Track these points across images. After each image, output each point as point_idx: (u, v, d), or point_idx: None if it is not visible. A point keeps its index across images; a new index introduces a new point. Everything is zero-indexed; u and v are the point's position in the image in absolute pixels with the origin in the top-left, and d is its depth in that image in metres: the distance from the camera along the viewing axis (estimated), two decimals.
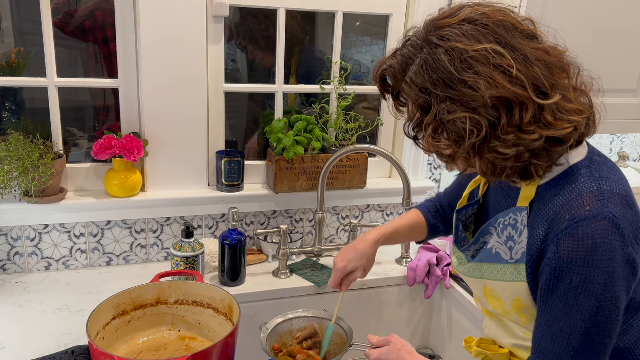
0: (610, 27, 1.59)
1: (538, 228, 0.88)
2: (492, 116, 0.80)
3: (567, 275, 0.82)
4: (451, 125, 0.82)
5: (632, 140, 2.38)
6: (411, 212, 1.33)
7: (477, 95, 0.79)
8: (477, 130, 0.81)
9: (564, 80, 0.84)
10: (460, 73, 0.80)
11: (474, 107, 0.80)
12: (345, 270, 1.24)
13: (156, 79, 1.54)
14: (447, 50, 0.81)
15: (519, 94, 0.79)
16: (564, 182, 0.88)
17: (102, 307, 1.21)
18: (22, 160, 1.42)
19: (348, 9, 1.73)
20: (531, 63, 0.80)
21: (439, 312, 1.76)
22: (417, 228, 1.31)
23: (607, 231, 0.80)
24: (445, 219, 1.31)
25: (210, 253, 1.61)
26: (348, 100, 1.75)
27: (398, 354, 1.08)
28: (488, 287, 0.98)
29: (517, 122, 0.80)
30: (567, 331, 0.83)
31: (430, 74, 0.82)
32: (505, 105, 0.80)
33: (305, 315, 1.33)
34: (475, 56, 0.80)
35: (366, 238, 1.25)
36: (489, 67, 0.79)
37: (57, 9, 1.58)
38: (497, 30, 0.81)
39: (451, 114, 0.81)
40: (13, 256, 1.56)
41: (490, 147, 0.83)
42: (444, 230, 1.32)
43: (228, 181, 1.67)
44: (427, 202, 1.34)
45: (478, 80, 0.79)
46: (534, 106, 0.80)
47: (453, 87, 0.81)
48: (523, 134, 0.81)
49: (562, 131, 0.82)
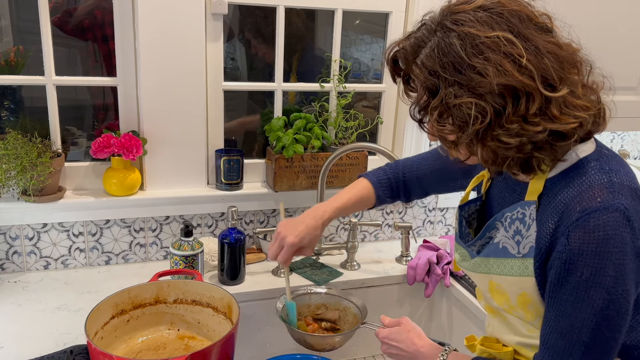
0: (611, 25, 1.58)
1: (547, 221, 0.88)
2: (498, 104, 0.80)
3: (578, 268, 0.81)
4: (457, 110, 0.83)
5: (633, 138, 2.38)
6: (360, 184, 1.30)
7: (485, 81, 0.79)
8: (481, 117, 0.81)
9: (574, 76, 0.83)
10: (470, 58, 0.80)
11: (481, 94, 0.80)
12: (298, 246, 1.20)
13: (155, 77, 1.54)
14: (460, 34, 0.82)
15: (527, 84, 0.79)
16: (573, 175, 0.87)
17: (101, 307, 1.21)
18: (20, 159, 1.42)
19: (347, 7, 1.72)
20: (542, 55, 0.80)
21: (439, 311, 1.75)
22: (364, 201, 1.29)
23: (618, 223, 0.80)
24: (400, 192, 1.31)
25: (209, 252, 1.60)
26: (348, 98, 1.74)
27: (407, 335, 1.10)
28: (494, 282, 0.98)
29: (522, 112, 0.80)
30: (577, 326, 0.82)
31: (441, 58, 0.83)
32: (512, 94, 0.80)
33: (325, 292, 1.38)
34: (487, 42, 0.80)
35: (315, 215, 1.23)
36: (499, 55, 0.79)
37: (57, 7, 1.58)
38: (512, 20, 0.82)
39: (458, 98, 0.82)
40: (12, 255, 1.55)
41: (493, 135, 0.83)
42: (391, 202, 1.33)
43: (227, 180, 1.67)
44: (380, 173, 1.32)
45: (487, 67, 0.79)
46: (541, 98, 0.80)
47: (462, 71, 0.81)
48: (527, 125, 0.81)
49: (567, 126, 0.81)
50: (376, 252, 1.85)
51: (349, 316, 1.36)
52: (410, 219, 1.94)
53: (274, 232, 1.23)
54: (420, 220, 1.96)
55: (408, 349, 1.10)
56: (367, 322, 1.25)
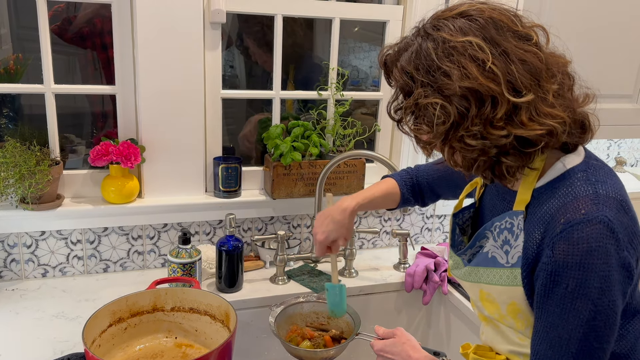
0: (607, 33, 1.59)
1: (534, 232, 0.88)
2: (462, 106, 0.83)
3: (563, 280, 0.82)
4: (425, 110, 0.86)
5: (630, 145, 2.39)
6: (388, 182, 1.34)
7: (451, 83, 0.82)
8: (444, 117, 0.84)
9: (548, 85, 0.84)
10: (440, 61, 0.83)
11: (447, 95, 0.83)
12: (327, 242, 1.27)
13: (153, 85, 1.54)
14: (436, 39, 0.85)
15: (491, 88, 0.81)
16: (560, 186, 0.88)
17: (99, 315, 1.21)
18: (18, 167, 1.42)
19: (345, 16, 1.73)
20: (511, 61, 0.82)
21: (437, 318, 1.75)
22: (390, 197, 1.33)
23: (602, 235, 0.80)
24: (419, 193, 1.34)
25: (207, 259, 1.61)
26: (345, 106, 1.75)
27: (402, 347, 1.11)
28: (484, 291, 0.98)
29: (488, 115, 0.82)
30: (565, 337, 0.83)
31: (415, 60, 0.86)
32: (476, 97, 0.82)
33: (317, 300, 1.39)
34: (456, 46, 0.82)
35: (343, 207, 1.27)
36: (465, 58, 0.82)
37: (56, 15, 1.59)
38: (486, 26, 0.84)
39: (426, 98, 0.85)
40: (9, 263, 1.55)
41: (457, 136, 0.85)
42: (413, 203, 1.36)
43: (225, 187, 1.67)
44: (405, 174, 1.36)
45: (453, 70, 0.82)
46: (508, 103, 0.81)
47: (432, 73, 0.84)
48: (492, 128, 0.82)
49: (533, 132, 0.82)
50: (374, 260, 1.85)
51: (341, 323, 1.36)
52: (408, 226, 1.95)
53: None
54: (418, 228, 1.97)
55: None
56: (362, 333, 1.24)
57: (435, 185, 1.32)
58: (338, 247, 1.30)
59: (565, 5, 1.54)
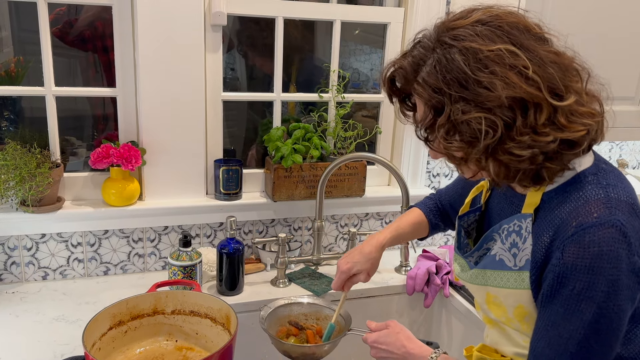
0: (609, 35, 1.59)
1: (543, 235, 0.87)
2: (508, 117, 0.80)
3: (570, 281, 0.81)
4: (465, 126, 0.82)
5: (632, 147, 2.38)
6: (413, 212, 1.33)
7: (493, 95, 0.79)
8: (492, 131, 0.81)
9: (577, 84, 0.84)
10: (475, 73, 0.80)
11: (489, 108, 0.80)
12: (350, 273, 1.24)
13: (154, 88, 1.54)
14: (462, 50, 0.81)
15: (535, 94, 0.79)
16: (570, 190, 0.87)
17: (99, 318, 1.20)
18: (19, 170, 1.42)
19: (346, 18, 1.73)
20: (546, 64, 0.81)
21: (439, 321, 1.75)
22: (419, 228, 1.31)
23: (614, 239, 0.79)
24: (446, 217, 1.31)
25: (208, 262, 1.60)
26: (346, 108, 1.75)
27: (397, 337, 1.10)
28: (491, 294, 0.97)
29: (532, 123, 0.80)
30: (565, 336, 0.82)
31: (444, 74, 0.82)
32: (520, 105, 0.80)
33: (308, 302, 1.36)
34: (490, 56, 0.80)
35: (372, 242, 1.26)
36: (504, 68, 0.79)
37: (57, 18, 1.59)
38: (512, 32, 0.82)
39: (465, 114, 0.81)
40: (10, 266, 1.55)
41: (505, 148, 0.82)
42: (444, 228, 1.33)
43: (226, 190, 1.67)
44: (428, 201, 1.34)
45: (494, 80, 0.79)
46: (549, 108, 0.80)
47: (468, 87, 0.80)
48: (538, 135, 0.80)
49: (577, 134, 0.81)
50: None
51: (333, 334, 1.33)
52: None
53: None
54: None
55: (398, 351, 1.10)
56: (353, 329, 1.23)
57: (456, 205, 1.27)
58: (354, 283, 1.27)
59: (567, 9, 1.53)
